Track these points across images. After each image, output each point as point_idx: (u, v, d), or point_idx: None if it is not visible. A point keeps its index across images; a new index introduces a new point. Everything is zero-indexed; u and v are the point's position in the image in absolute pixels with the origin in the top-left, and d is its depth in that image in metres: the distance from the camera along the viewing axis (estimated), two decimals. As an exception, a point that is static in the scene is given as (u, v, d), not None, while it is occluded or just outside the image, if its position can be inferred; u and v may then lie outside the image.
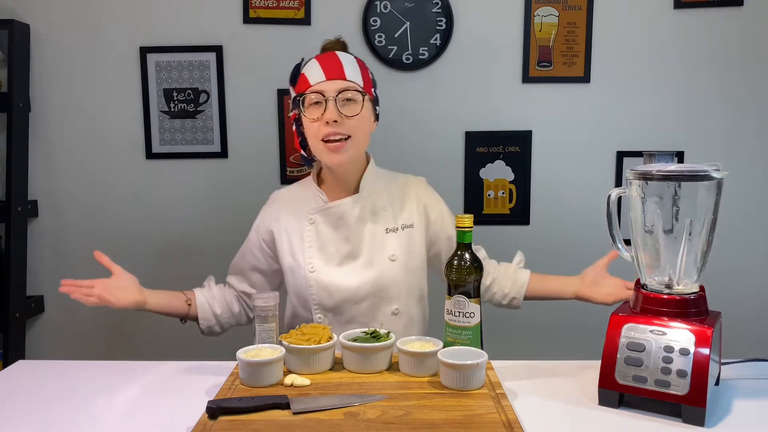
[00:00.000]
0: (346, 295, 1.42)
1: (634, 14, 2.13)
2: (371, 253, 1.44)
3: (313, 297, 1.43)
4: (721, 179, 1.12)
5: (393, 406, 1.09)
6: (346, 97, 1.36)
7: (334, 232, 1.44)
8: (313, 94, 1.36)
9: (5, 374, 1.33)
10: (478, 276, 1.28)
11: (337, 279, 1.42)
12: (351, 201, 1.44)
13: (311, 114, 1.37)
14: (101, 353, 2.23)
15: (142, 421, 1.09)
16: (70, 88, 2.18)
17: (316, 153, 1.41)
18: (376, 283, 1.43)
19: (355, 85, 1.38)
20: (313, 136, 1.38)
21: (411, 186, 1.52)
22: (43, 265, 2.25)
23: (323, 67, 1.38)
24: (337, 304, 1.43)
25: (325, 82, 1.36)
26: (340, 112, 1.35)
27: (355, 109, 1.37)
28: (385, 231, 1.45)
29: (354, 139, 1.37)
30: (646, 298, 1.15)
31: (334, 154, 1.37)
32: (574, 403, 1.15)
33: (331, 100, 1.35)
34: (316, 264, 1.43)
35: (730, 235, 2.15)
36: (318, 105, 1.36)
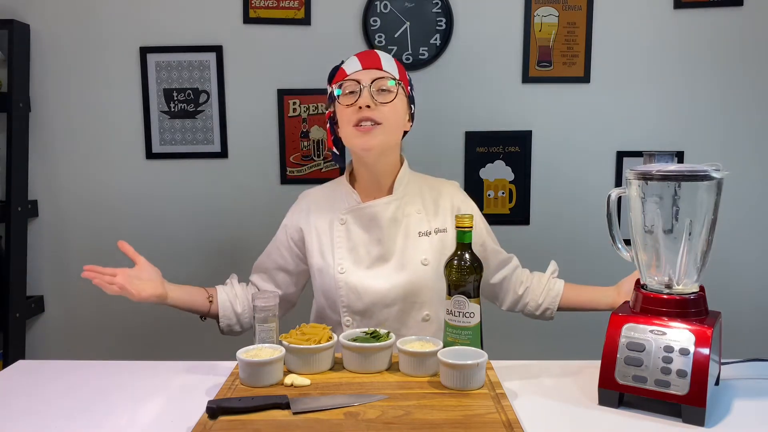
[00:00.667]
0: (376, 298, 1.40)
1: (634, 14, 2.13)
2: (403, 256, 1.42)
3: (342, 299, 1.41)
4: (721, 179, 1.12)
5: (393, 406, 1.09)
6: (381, 87, 1.37)
7: (366, 233, 1.42)
8: (350, 82, 1.38)
9: (5, 374, 1.33)
10: (478, 276, 1.28)
11: (367, 281, 1.40)
12: (384, 202, 1.42)
13: (346, 101, 1.38)
14: (101, 353, 2.23)
15: (142, 421, 1.09)
16: (70, 88, 2.18)
17: (347, 139, 1.40)
18: (407, 287, 1.40)
19: (390, 74, 1.39)
20: (346, 123, 1.38)
21: (445, 190, 1.52)
22: (43, 265, 2.25)
23: (361, 59, 1.41)
24: (367, 307, 1.40)
25: (361, 71, 1.38)
26: (374, 99, 1.36)
27: (389, 97, 1.37)
28: (418, 234, 1.43)
29: (384, 126, 1.36)
30: (646, 298, 1.15)
31: (363, 136, 1.35)
32: (574, 403, 1.15)
33: (366, 88, 1.36)
34: (346, 265, 1.41)
35: (730, 235, 2.15)
36: (353, 94, 1.37)
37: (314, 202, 1.50)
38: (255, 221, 2.21)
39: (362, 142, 1.36)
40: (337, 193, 1.48)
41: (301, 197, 1.55)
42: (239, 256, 2.23)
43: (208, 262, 2.24)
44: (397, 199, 1.44)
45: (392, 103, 1.37)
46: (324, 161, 2.20)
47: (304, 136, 2.19)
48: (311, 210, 1.49)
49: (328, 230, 1.45)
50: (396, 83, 1.39)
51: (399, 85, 1.39)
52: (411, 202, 1.46)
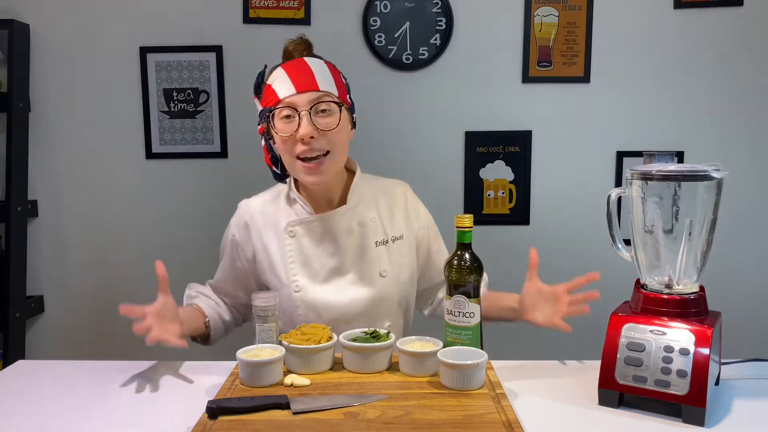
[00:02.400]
0: (337, 314, 1.34)
1: (634, 14, 2.13)
2: (360, 268, 1.35)
3: (300, 318, 1.34)
4: (721, 179, 1.12)
5: (393, 406, 1.09)
6: (321, 109, 1.25)
7: (318, 246, 1.34)
8: (284, 108, 1.25)
9: (5, 374, 1.33)
10: (478, 276, 1.27)
11: (325, 297, 1.33)
12: (339, 213, 1.34)
13: (283, 130, 1.25)
14: (101, 353, 2.23)
15: (142, 421, 1.09)
16: (70, 88, 2.18)
17: (292, 172, 1.32)
18: (368, 301, 1.35)
19: (330, 95, 1.27)
20: (287, 154, 1.28)
21: (398, 193, 1.44)
22: (43, 265, 2.25)
23: (292, 77, 1.26)
24: (327, 324, 1.31)
25: (296, 95, 1.24)
26: (315, 126, 1.24)
27: (332, 123, 1.26)
28: (375, 244, 1.37)
29: (333, 155, 1.27)
30: (646, 298, 1.15)
31: (313, 174, 1.27)
32: (574, 403, 1.15)
33: (304, 114, 1.23)
34: (302, 282, 1.33)
35: (730, 235, 2.15)
36: (290, 119, 1.25)
37: (256, 214, 1.39)
38: (255, 221, 2.20)
39: (312, 179, 1.28)
40: (282, 202, 1.39)
41: (240, 209, 1.43)
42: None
43: (207, 262, 2.23)
44: (351, 209, 1.35)
45: (336, 128, 1.26)
46: (324, 161, 2.20)
47: (304, 136, 2.19)
48: (255, 224, 1.38)
49: (276, 244, 1.35)
50: (337, 104, 1.27)
51: (341, 106, 1.28)
52: (365, 211, 1.37)
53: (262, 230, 1.37)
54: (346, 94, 1.33)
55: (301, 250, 1.34)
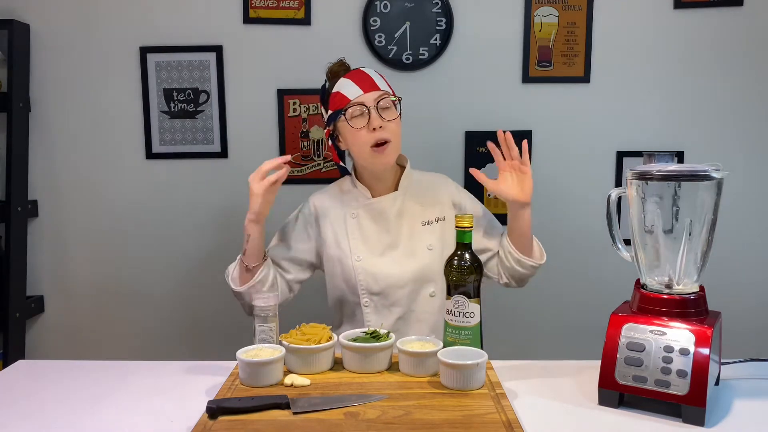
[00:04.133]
0: (391, 281, 1.54)
1: (634, 14, 2.13)
2: (410, 243, 1.57)
3: (360, 283, 1.55)
4: (721, 179, 1.12)
5: (393, 406, 1.09)
6: (384, 105, 1.50)
7: (376, 225, 1.58)
8: (356, 107, 1.49)
9: (5, 374, 1.33)
10: (478, 276, 1.28)
11: (381, 267, 1.55)
12: (391, 198, 1.58)
13: (357, 124, 1.49)
14: (101, 353, 2.23)
15: (142, 421, 1.09)
16: (70, 88, 2.18)
17: (365, 158, 1.53)
18: (417, 270, 1.55)
19: (389, 93, 1.53)
20: (360, 144, 1.50)
21: (439, 182, 1.67)
22: (43, 265, 2.25)
23: (357, 82, 1.51)
24: (383, 289, 1.55)
25: (363, 95, 1.49)
26: (383, 118, 1.49)
27: (393, 114, 1.52)
28: (422, 224, 1.58)
29: (394, 142, 1.51)
30: (646, 298, 1.15)
31: (382, 156, 1.50)
32: (574, 403, 1.15)
33: (373, 109, 1.48)
34: (362, 254, 1.56)
35: (730, 235, 2.15)
36: (361, 116, 1.49)
37: (326, 201, 1.63)
38: (255, 221, 2.21)
39: (381, 161, 1.52)
40: (345, 192, 1.63)
41: (312, 198, 1.66)
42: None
43: (207, 262, 2.24)
44: (402, 194, 1.59)
45: (396, 119, 1.52)
46: (324, 161, 2.20)
47: (304, 136, 2.19)
48: (324, 208, 1.62)
49: (342, 224, 1.59)
50: (394, 100, 1.53)
51: (396, 102, 1.54)
52: (413, 197, 1.61)
53: (331, 214, 1.61)
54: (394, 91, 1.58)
55: (361, 228, 1.58)
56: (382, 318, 1.55)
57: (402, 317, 1.55)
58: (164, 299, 2.26)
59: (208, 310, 2.25)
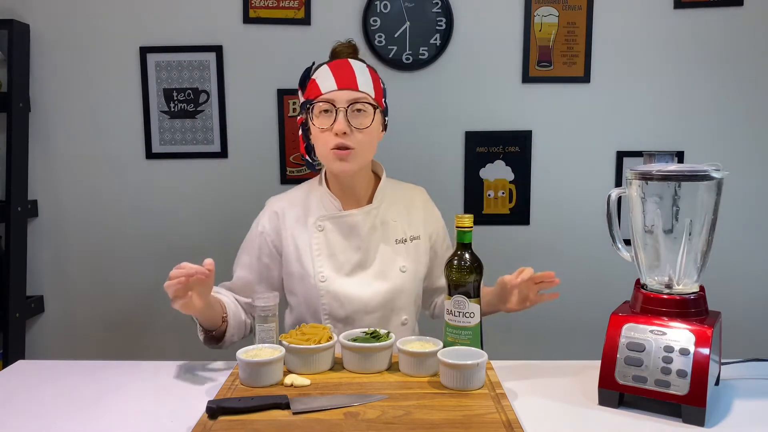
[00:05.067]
0: (358, 306, 1.40)
1: (634, 14, 2.13)
2: (383, 264, 1.43)
3: (324, 307, 1.41)
4: (721, 179, 1.12)
5: (393, 406, 1.09)
6: (357, 108, 1.34)
7: (345, 240, 1.42)
8: (323, 103, 1.34)
9: (5, 374, 1.33)
10: (478, 276, 1.28)
11: (348, 289, 1.40)
12: (365, 211, 1.42)
13: (321, 123, 1.35)
14: (101, 353, 2.23)
15: (142, 421, 1.09)
16: (70, 88, 2.18)
17: (323, 161, 1.40)
18: (388, 294, 1.42)
19: (367, 96, 1.36)
20: (321, 145, 1.37)
21: (416, 198, 1.54)
22: (43, 265, 2.25)
23: (335, 75, 1.35)
24: (348, 314, 1.40)
25: (336, 91, 1.33)
26: (350, 123, 1.33)
27: (365, 122, 1.35)
28: (395, 242, 1.45)
29: (358, 151, 1.35)
30: (646, 298, 1.15)
31: (340, 162, 1.35)
32: (574, 403, 1.15)
33: (341, 111, 1.33)
34: (327, 273, 1.40)
35: (730, 235, 2.15)
36: (328, 114, 1.34)
37: (288, 209, 1.46)
38: (255, 221, 2.21)
39: (338, 166, 1.36)
40: (312, 199, 1.46)
41: (271, 203, 1.50)
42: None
43: (208, 262, 2.24)
44: (376, 208, 1.44)
45: (368, 129, 1.35)
46: (324, 161, 2.20)
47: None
48: (286, 216, 1.45)
49: (305, 236, 1.42)
50: (372, 106, 1.36)
51: (375, 108, 1.37)
52: (388, 211, 1.46)
53: (292, 222, 1.44)
54: (382, 97, 1.41)
55: (327, 243, 1.41)
56: None
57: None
58: (164, 299, 2.24)
59: (208, 310, 2.25)
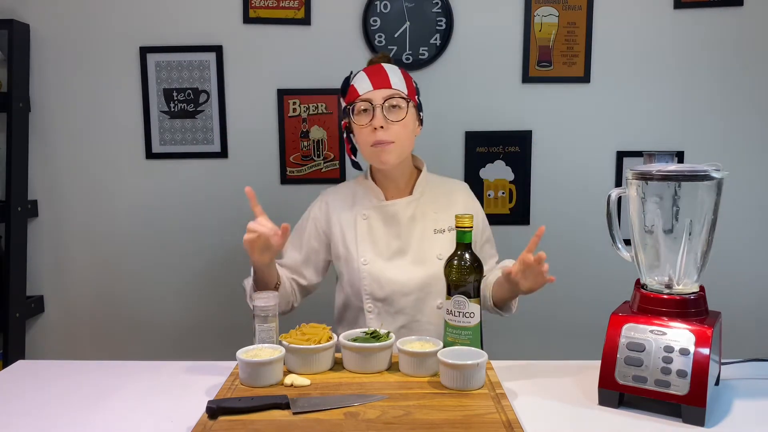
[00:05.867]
0: (396, 287, 1.51)
1: (634, 14, 2.13)
2: (420, 251, 1.53)
3: (365, 287, 1.52)
4: (721, 179, 1.12)
5: (393, 406, 1.09)
6: (392, 104, 1.46)
7: (386, 228, 1.54)
8: (362, 103, 1.47)
9: (5, 374, 1.33)
10: (478, 276, 1.28)
11: (387, 272, 1.51)
12: (405, 202, 1.55)
13: (360, 120, 1.48)
14: (101, 353, 2.23)
15: (142, 421, 1.09)
16: (70, 88, 2.18)
17: (367, 157, 1.52)
18: (424, 279, 1.51)
19: (400, 92, 1.48)
20: (363, 143, 1.49)
21: (457, 192, 1.63)
22: (43, 265, 2.25)
23: (370, 77, 1.49)
24: (387, 295, 1.51)
25: (372, 91, 1.47)
26: (387, 117, 1.45)
27: (401, 115, 1.46)
28: (434, 231, 1.54)
29: (396, 144, 1.46)
30: (646, 298, 1.15)
31: (380, 154, 1.47)
32: (574, 403, 1.15)
33: (378, 107, 1.45)
34: (369, 257, 1.52)
35: (730, 235, 2.15)
36: (366, 112, 1.47)
37: (337, 199, 1.61)
38: (255, 221, 2.21)
39: (379, 159, 1.48)
40: (359, 191, 1.60)
41: (324, 194, 1.64)
42: (239, 256, 2.23)
43: (207, 262, 2.24)
44: (416, 199, 1.56)
45: (403, 121, 1.47)
46: (324, 161, 2.20)
47: (304, 136, 2.19)
48: (335, 205, 1.60)
49: (352, 224, 1.56)
50: (405, 101, 1.48)
51: (408, 102, 1.49)
52: (428, 203, 1.57)
53: (340, 211, 1.58)
54: (414, 95, 1.54)
55: (370, 230, 1.54)
56: (385, 326, 1.50)
57: (406, 326, 1.51)
58: (164, 299, 2.26)
59: (208, 310, 2.25)
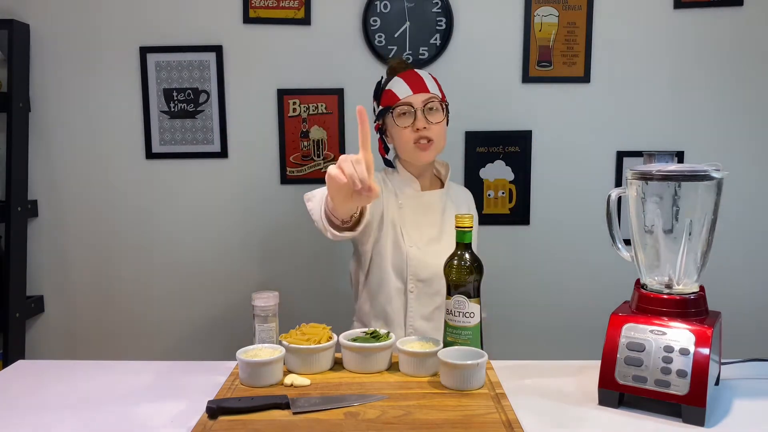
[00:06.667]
0: (436, 270, 1.53)
1: (634, 14, 2.13)
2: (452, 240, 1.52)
3: (410, 268, 1.59)
4: (721, 179, 1.12)
5: (393, 406, 1.09)
6: (430, 107, 1.56)
7: (423, 217, 1.63)
8: (403, 106, 1.56)
9: (5, 374, 1.33)
10: (478, 276, 1.28)
11: (426, 257, 1.59)
12: (439, 194, 1.66)
13: (402, 123, 1.57)
14: (101, 353, 2.24)
15: (142, 421, 1.09)
16: (70, 88, 2.18)
17: (407, 155, 1.60)
18: None
19: (437, 97, 1.58)
20: (404, 142, 1.57)
21: (466, 196, 1.78)
22: (43, 265, 2.25)
23: (408, 83, 1.58)
24: (429, 276, 1.59)
25: (412, 95, 1.56)
26: (427, 119, 1.55)
27: (439, 117, 1.57)
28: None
29: (436, 142, 1.57)
30: (646, 298, 1.15)
31: (423, 152, 1.56)
32: (574, 403, 1.15)
33: (419, 110, 1.55)
34: (414, 241, 1.60)
35: (730, 235, 2.15)
36: (406, 115, 1.56)
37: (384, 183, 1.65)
38: (255, 221, 2.21)
39: (421, 156, 1.57)
40: (395, 181, 1.66)
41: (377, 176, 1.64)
42: (239, 256, 2.23)
43: (207, 262, 2.24)
44: (446, 193, 1.68)
45: (441, 122, 1.58)
46: (324, 161, 2.20)
47: (304, 136, 2.19)
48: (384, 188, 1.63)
49: (396, 209, 1.62)
50: (440, 103, 1.59)
51: (443, 105, 1.59)
52: (453, 198, 1.70)
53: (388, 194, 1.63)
54: (445, 97, 1.62)
55: (409, 218, 1.62)
56: (422, 306, 1.59)
57: (440, 307, 1.58)
58: (164, 299, 2.26)
59: (208, 310, 2.25)
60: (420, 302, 1.59)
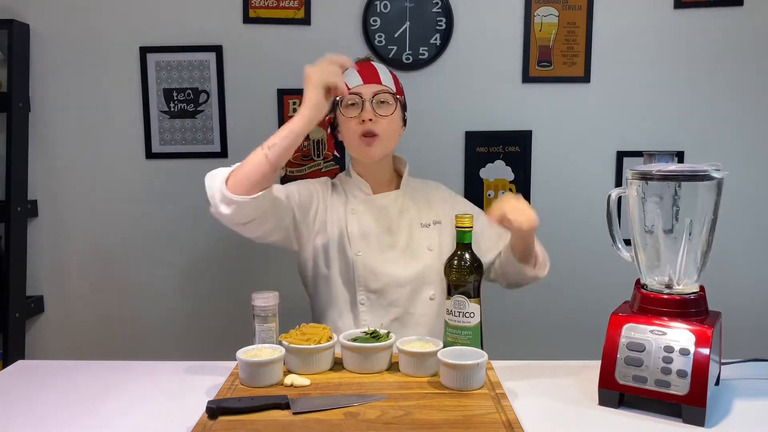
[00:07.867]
0: (390, 280, 1.52)
1: (634, 14, 2.13)
2: (410, 243, 1.55)
3: (359, 278, 1.52)
4: (721, 179, 1.12)
5: (393, 406, 1.09)
6: (381, 100, 1.50)
7: (377, 222, 1.55)
8: (352, 96, 1.49)
9: (5, 374, 1.33)
10: (478, 276, 1.28)
11: (381, 265, 1.52)
12: (393, 195, 1.57)
13: (349, 113, 1.50)
14: (101, 353, 2.23)
15: (142, 421, 1.09)
16: (70, 88, 2.18)
17: (352, 149, 1.54)
18: (417, 271, 1.53)
19: (389, 88, 1.52)
20: (351, 135, 1.51)
21: (433, 189, 1.67)
22: (43, 265, 2.25)
23: (361, 73, 1.53)
24: (382, 287, 1.51)
25: (362, 85, 1.50)
26: (375, 112, 1.48)
27: (388, 111, 1.50)
28: (420, 225, 1.57)
29: (382, 138, 1.49)
30: (646, 298, 1.15)
31: (367, 148, 1.49)
32: (574, 403, 1.15)
33: (367, 101, 1.48)
34: (362, 250, 1.53)
35: (730, 235, 2.15)
36: (355, 106, 1.49)
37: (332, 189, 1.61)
38: (255, 221, 2.21)
39: (366, 152, 1.51)
40: (346, 186, 1.60)
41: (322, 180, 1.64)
42: (239, 256, 2.23)
43: (207, 262, 2.24)
44: (403, 194, 1.58)
45: (391, 116, 1.50)
46: (324, 161, 2.20)
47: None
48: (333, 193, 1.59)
49: (342, 216, 1.56)
50: (394, 97, 1.52)
51: (397, 99, 1.53)
52: (412, 198, 1.60)
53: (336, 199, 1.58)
54: (401, 93, 1.58)
55: (360, 225, 1.54)
56: (377, 319, 1.49)
57: (398, 318, 1.51)
58: (164, 299, 2.26)
59: (208, 310, 2.25)
60: (374, 315, 1.50)
